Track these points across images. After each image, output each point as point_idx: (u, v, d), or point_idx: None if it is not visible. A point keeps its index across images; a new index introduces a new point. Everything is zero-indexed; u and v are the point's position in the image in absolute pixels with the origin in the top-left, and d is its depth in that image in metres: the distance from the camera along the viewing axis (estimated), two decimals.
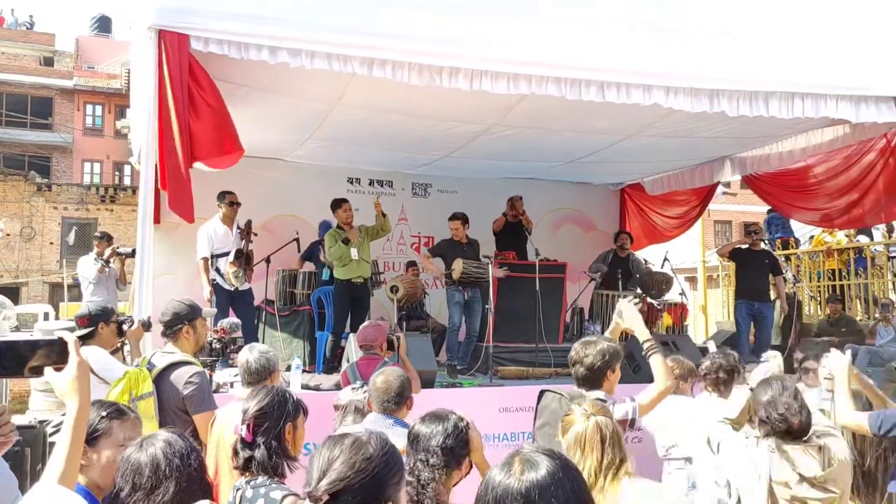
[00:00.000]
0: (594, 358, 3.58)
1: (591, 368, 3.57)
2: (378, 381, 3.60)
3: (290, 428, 2.70)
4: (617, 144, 8.41)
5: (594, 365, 3.57)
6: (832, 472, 3.07)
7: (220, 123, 5.46)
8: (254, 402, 2.71)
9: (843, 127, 7.51)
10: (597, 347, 3.63)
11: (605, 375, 3.60)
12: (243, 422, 2.67)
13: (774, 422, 3.19)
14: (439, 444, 2.58)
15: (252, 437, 2.62)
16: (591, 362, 3.58)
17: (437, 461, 2.54)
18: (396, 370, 3.72)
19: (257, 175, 8.96)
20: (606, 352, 3.62)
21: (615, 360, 3.66)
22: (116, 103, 32.14)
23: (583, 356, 3.62)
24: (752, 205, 19.71)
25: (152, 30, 5.11)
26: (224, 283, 7.21)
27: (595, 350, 3.61)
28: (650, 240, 11.27)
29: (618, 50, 5.97)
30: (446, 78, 5.77)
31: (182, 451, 2.24)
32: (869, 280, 10.23)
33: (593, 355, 3.59)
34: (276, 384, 2.83)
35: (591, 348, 3.63)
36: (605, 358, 3.59)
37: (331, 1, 5.46)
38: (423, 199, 10.38)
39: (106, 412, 2.52)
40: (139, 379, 3.87)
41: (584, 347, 3.65)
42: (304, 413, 2.80)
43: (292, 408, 2.73)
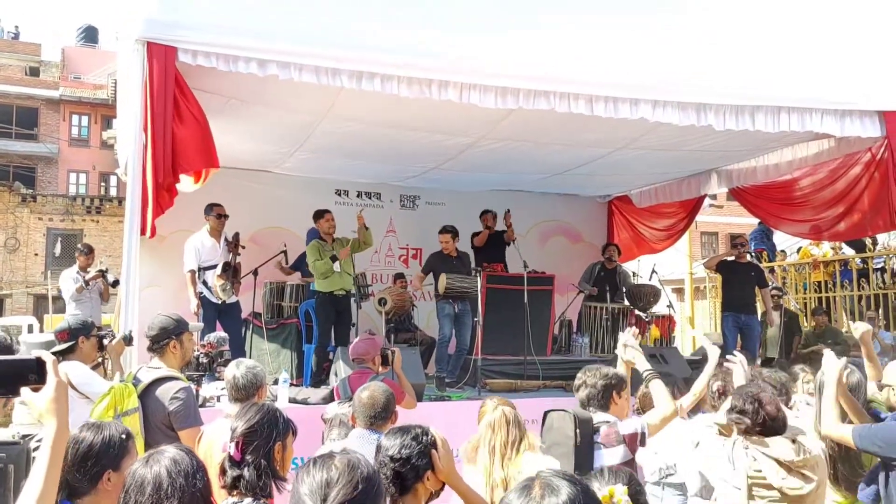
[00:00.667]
0: (596, 379, 3.62)
1: (594, 387, 3.60)
2: (363, 396, 3.58)
3: (279, 447, 2.64)
4: (605, 157, 8.44)
5: (597, 385, 3.60)
6: (808, 460, 3.10)
7: (203, 137, 5.44)
8: (243, 421, 2.66)
9: (829, 141, 7.57)
10: (600, 371, 3.68)
11: (611, 397, 3.61)
12: (232, 440, 2.62)
13: (749, 414, 3.24)
14: (393, 454, 2.52)
15: (241, 455, 2.57)
16: (594, 382, 3.61)
17: (389, 472, 2.49)
18: (381, 385, 3.70)
19: (245, 187, 8.93)
20: (610, 375, 3.66)
21: (620, 385, 3.68)
22: (103, 114, 32.02)
23: (585, 378, 3.67)
24: (738, 216, 19.83)
25: (140, 42, 5.10)
26: (211, 297, 7.17)
27: (598, 373, 3.66)
28: (639, 251, 11.32)
29: (606, 64, 6.01)
30: (436, 90, 5.78)
31: (188, 469, 2.18)
32: (855, 292, 10.30)
33: (595, 377, 3.63)
34: (265, 402, 2.78)
35: (593, 371, 3.68)
36: (609, 379, 3.63)
37: (319, 15, 5.46)
38: (412, 212, 10.38)
39: (125, 434, 2.50)
40: (124, 394, 3.82)
41: (586, 372, 3.71)
42: (294, 432, 2.75)
43: (282, 427, 2.68)
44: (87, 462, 2.41)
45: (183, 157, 5.31)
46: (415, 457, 2.53)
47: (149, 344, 4.05)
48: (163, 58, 5.07)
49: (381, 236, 9.98)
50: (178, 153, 5.23)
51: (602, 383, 3.60)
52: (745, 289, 8.93)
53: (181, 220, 7.58)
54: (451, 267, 7.90)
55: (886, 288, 9.92)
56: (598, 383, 3.60)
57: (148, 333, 4.04)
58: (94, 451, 2.43)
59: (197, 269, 7.15)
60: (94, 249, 9.37)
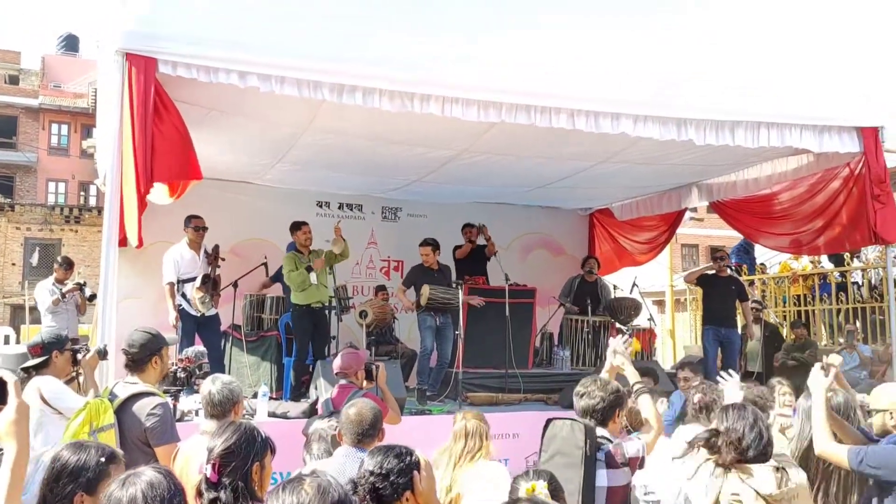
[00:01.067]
0: (604, 392, 3.52)
1: (603, 401, 3.50)
2: (350, 413, 3.54)
3: (257, 468, 2.58)
4: (586, 170, 8.47)
5: (605, 398, 3.50)
6: (789, 492, 2.98)
7: (184, 148, 5.39)
8: (220, 441, 2.59)
9: (808, 156, 7.64)
10: (607, 386, 3.58)
11: (613, 413, 3.53)
12: (208, 461, 2.55)
13: (729, 447, 3.10)
14: (373, 469, 2.51)
15: (217, 477, 2.51)
16: (602, 395, 3.51)
17: (368, 486, 2.48)
18: (369, 402, 3.66)
19: (226, 198, 8.87)
20: (618, 391, 3.58)
21: (623, 403, 3.62)
22: (83, 123, 31.75)
23: (590, 389, 3.55)
24: (718, 229, 19.97)
25: (120, 53, 5.06)
26: (190, 309, 7.10)
27: (606, 386, 3.56)
28: (621, 263, 11.35)
29: (588, 79, 6.04)
30: (418, 104, 5.78)
31: (164, 494, 2.10)
32: (833, 306, 10.38)
33: (603, 390, 3.53)
34: (243, 421, 2.72)
35: (600, 384, 3.58)
36: (616, 396, 3.55)
37: (301, 28, 5.44)
38: (393, 223, 10.35)
39: (104, 457, 2.44)
40: (100, 410, 3.75)
41: (593, 383, 3.60)
42: (272, 451, 2.70)
43: (260, 446, 2.62)
44: (59, 482, 2.36)
45: (162, 168, 5.26)
46: (394, 473, 2.51)
47: (127, 361, 3.98)
48: (143, 69, 5.03)
49: (362, 248, 9.95)
50: (157, 163, 5.18)
51: (611, 399, 3.50)
52: (726, 302, 8.96)
53: (160, 232, 7.51)
54: (432, 279, 7.88)
55: (865, 301, 10.00)
56: (607, 398, 3.49)
57: (129, 350, 3.97)
58: (67, 471, 2.38)
59: (176, 281, 7.09)
60: (74, 264, 9.24)
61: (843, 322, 10.04)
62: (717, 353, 8.79)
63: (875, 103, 6.99)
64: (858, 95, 6.94)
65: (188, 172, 5.48)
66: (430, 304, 7.73)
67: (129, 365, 3.97)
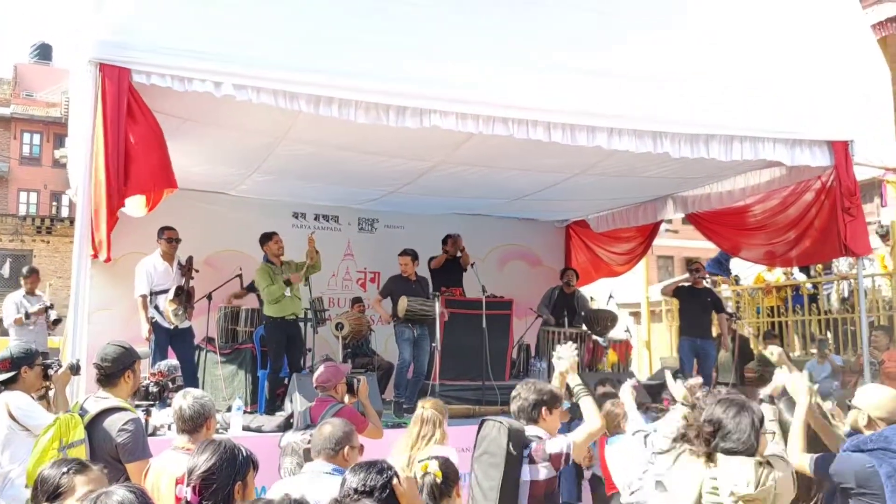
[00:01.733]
0: (530, 393, 3.82)
1: (526, 401, 3.80)
2: (322, 429, 3.57)
3: (239, 487, 2.52)
4: (563, 182, 8.50)
5: (529, 398, 3.80)
6: (763, 492, 2.95)
7: (161, 158, 5.33)
8: (200, 462, 2.52)
9: (780, 169, 7.73)
10: (535, 386, 3.88)
11: (540, 413, 3.79)
12: (188, 483, 2.49)
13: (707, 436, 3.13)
14: (357, 487, 2.55)
15: (198, 499, 2.45)
16: (527, 395, 3.81)
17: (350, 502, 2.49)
18: (339, 421, 3.68)
19: (200, 209, 8.78)
20: (544, 391, 3.84)
21: (552, 402, 3.84)
22: (55, 132, 31.37)
23: (521, 391, 3.87)
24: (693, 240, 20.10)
25: (93, 63, 4.99)
26: (163, 321, 7.00)
27: (533, 388, 3.86)
28: (598, 275, 11.40)
29: (564, 92, 6.07)
30: (393, 116, 5.77)
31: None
32: (806, 317, 10.50)
33: (530, 391, 3.83)
34: (224, 440, 2.64)
35: (529, 386, 3.89)
36: (542, 395, 3.81)
37: (276, 39, 5.41)
38: (370, 235, 10.31)
39: (67, 468, 2.38)
40: (70, 425, 3.69)
41: (524, 385, 3.91)
42: (255, 467, 2.63)
43: (241, 465, 2.55)
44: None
45: (138, 179, 5.18)
46: (378, 489, 2.56)
47: (99, 375, 3.92)
48: (116, 79, 4.97)
49: (338, 259, 9.90)
50: (132, 174, 5.11)
51: (534, 398, 3.79)
52: (702, 314, 9.04)
53: (133, 243, 7.42)
54: (410, 290, 7.85)
55: (836, 313, 10.12)
56: (530, 397, 3.79)
57: (101, 364, 3.91)
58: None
59: (149, 293, 6.99)
60: (38, 271, 9.11)
61: (816, 333, 10.15)
62: (693, 363, 8.85)
63: (845, 117, 7.10)
64: (829, 110, 7.04)
65: (164, 182, 5.41)
66: (408, 315, 7.69)
67: (102, 379, 3.91)
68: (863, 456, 3.42)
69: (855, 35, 7.34)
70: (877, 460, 3.35)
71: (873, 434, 3.48)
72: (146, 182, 5.30)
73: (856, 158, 7.23)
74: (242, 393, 7.55)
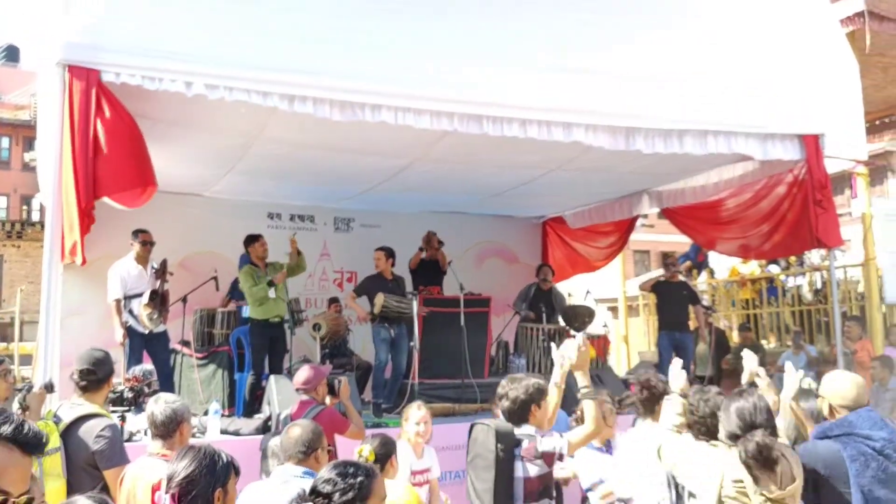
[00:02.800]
0: (517, 392, 3.79)
1: (514, 402, 3.78)
2: (291, 432, 3.57)
3: (219, 494, 2.45)
4: (538, 179, 8.53)
5: (517, 399, 3.77)
6: (791, 489, 3.06)
7: (133, 158, 5.24)
8: (179, 468, 2.46)
9: (753, 162, 7.81)
10: (522, 383, 3.83)
11: (529, 410, 3.78)
12: (167, 491, 2.43)
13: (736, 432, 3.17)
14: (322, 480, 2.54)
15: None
16: (515, 396, 3.79)
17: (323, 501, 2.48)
18: (308, 423, 3.68)
19: (174, 211, 8.68)
20: (531, 387, 3.81)
21: (539, 397, 3.83)
22: (24, 135, 30.93)
23: (508, 390, 3.83)
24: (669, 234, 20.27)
25: (61, 65, 4.91)
26: (138, 326, 6.91)
27: (520, 385, 3.81)
28: (574, 270, 11.44)
29: (538, 89, 6.08)
30: (369, 113, 5.74)
31: None
32: (780, 308, 10.62)
33: (517, 389, 3.79)
34: (204, 445, 2.59)
35: (515, 383, 3.84)
36: (529, 392, 3.79)
37: (249, 36, 5.35)
38: (346, 234, 10.27)
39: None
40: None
41: (510, 383, 3.86)
42: (237, 473, 2.57)
43: (222, 471, 2.49)
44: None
45: (113, 179, 5.10)
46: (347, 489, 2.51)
47: (87, 382, 3.87)
48: (84, 81, 4.89)
49: (315, 260, 9.84)
50: (105, 175, 5.02)
51: (522, 398, 3.77)
52: (679, 307, 9.11)
53: (106, 246, 7.31)
54: (386, 289, 7.83)
55: (810, 304, 10.25)
56: (518, 398, 3.77)
57: (90, 370, 3.87)
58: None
59: (122, 297, 6.90)
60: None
61: (791, 324, 10.28)
62: (671, 357, 8.91)
63: (815, 111, 7.18)
64: (799, 104, 7.12)
65: (140, 181, 5.32)
66: (384, 312, 7.67)
67: (87, 386, 3.87)
68: (829, 442, 3.47)
69: (824, 29, 7.43)
70: (842, 445, 3.41)
71: (838, 420, 3.53)
72: (121, 182, 5.21)
73: (826, 151, 7.31)
74: (220, 396, 7.50)
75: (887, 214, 9.04)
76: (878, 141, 13.21)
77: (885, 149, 19.34)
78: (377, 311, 7.67)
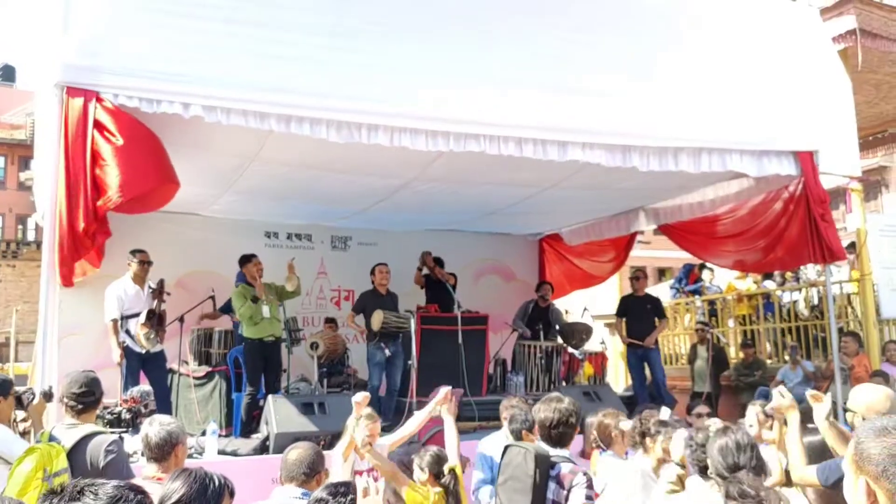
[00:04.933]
0: (561, 415, 3.69)
1: (559, 420, 3.70)
2: (291, 455, 3.55)
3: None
4: (534, 196, 8.55)
5: (560, 420, 3.70)
6: None
7: (152, 156, 5.19)
8: (171, 492, 2.43)
9: (749, 179, 7.85)
10: (564, 404, 3.74)
11: (570, 435, 3.72)
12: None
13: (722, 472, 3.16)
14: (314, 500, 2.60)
15: None
16: (559, 418, 3.70)
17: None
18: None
19: (171, 230, 8.69)
20: (574, 412, 3.72)
21: (579, 421, 3.79)
22: (20, 154, 30.97)
23: (549, 408, 3.74)
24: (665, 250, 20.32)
25: (59, 87, 4.93)
26: (135, 346, 6.89)
27: (564, 407, 3.72)
28: (571, 287, 11.46)
29: (534, 108, 6.12)
30: (365, 134, 5.76)
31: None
32: (777, 324, 10.62)
33: (562, 412, 3.70)
34: (197, 469, 2.56)
35: (558, 403, 3.74)
36: (570, 416, 3.71)
37: (246, 58, 5.37)
38: (343, 253, 10.27)
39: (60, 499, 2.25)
40: (52, 455, 3.60)
41: (551, 402, 3.77)
42: (231, 494, 2.54)
43: (214, 494, 2.45)
44: None
45: (139, 178, 5.06)
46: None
47: (82, 406, 3.87)
48: (82, 102, 4.90)
49: (312, 278, 9.84)
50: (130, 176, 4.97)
51: (566, 419, 3.68)
52: (643, 321, 9.18)
53: (103, 265, 7.27)
54: (382, 304, 7.84)
55: (807, 320, 10.26)
56: (563, 419, 3.68)
57: (86, 392, 3.88)
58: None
59: (119, 317, 6.88)
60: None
61: (788, 340, 10.28)
62: (642, 374, 9.04)
63: (810, 128, 7.24)
64: (794, 121, 7.17)
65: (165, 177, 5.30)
66: (383, 329, 7.67)
67: (83, 408, 3.87)
68: None
69: (817, 48, 7.51)
70: None
71: None
72: (147, 180, 5.17)
73: (821, 168, 7.36)
74: (217, 416, 7.46)
75: (882, 230, 9.08)
76: (872, 157, 13.28)
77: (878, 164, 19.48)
78: (376, 327, 7.67)
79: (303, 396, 7.00)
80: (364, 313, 7.99)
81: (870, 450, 1.66)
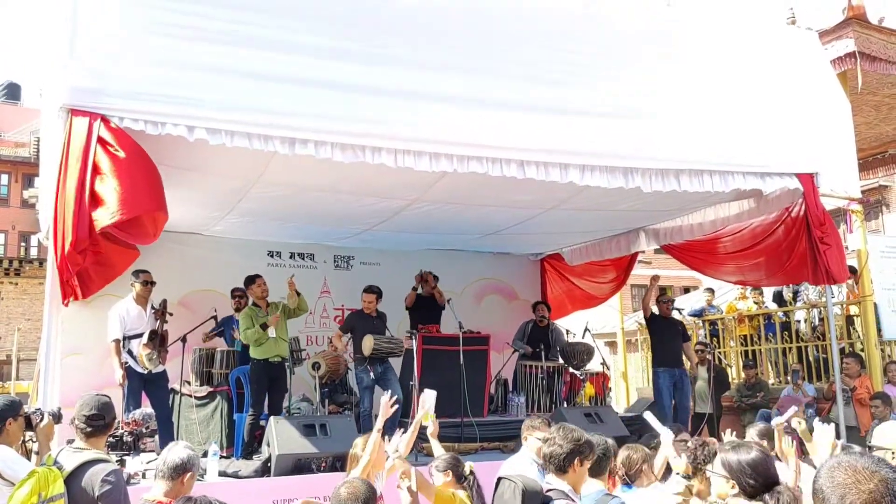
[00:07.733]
0: (566, 441, 3.58)
1: (560, 448, 3.57)
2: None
3: None
4: (536, 217, 8.58)
5: (563, 447, 3.57)
6: None
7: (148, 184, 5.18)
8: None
9: (749, 201, 7.89)
10: (572, 433, 3.62)
11: (571, 464, 3.56)
12: None
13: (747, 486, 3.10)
14: None
15: None
16: (562, 444, 3.57)
17: None
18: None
19: (174, 250, 8.72)
20: (580, 441, 3.61)
21: (587, 453, 3.63)
22: (24, 172, 31.07)
23: (556, 436, 3.62)
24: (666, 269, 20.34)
25: (64, 109, 4.96)
26: (137, 366, 6.89)
27: (571, 435, 3.61)
28: (574, 306, 11.46)
29: (536, 130, 6.16)
30: (370, 155, 5.79)
31: None
32: (778, 345, 10.61)
33: (565, 439, 3.59)
34: (200, 496, 2.57)
35: (565, 432, 3.63)
36: (577, 445, 3.58)
37: (249, 81, 5.40)
38: (346, 272, 10.29)
39: None
40: (49, 479, 3.60)
41: (560, 430, 3.65)
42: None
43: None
44: None
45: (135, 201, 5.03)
46: None
47: (93, 428, 3.86)
48: (87, 125, 4.93)
49: (315, 297, 9.86)
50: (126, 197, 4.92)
51: (569, 447, 3.55)
52: (674, 344, 9.13)
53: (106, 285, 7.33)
54: (370, 326, 7.84)
55: (808, 340, 10.25)
56: (565, 446, 3.55)
57: (91, 413, 3.86)
58: None
59: (122, 337, 6.89)
60: None
61: (790, 362, 10.26)
62: (672, 394, 8.88)
63: (810, 150, 7.28)
64: (794, 143, 7.21)
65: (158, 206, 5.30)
66: (375, 353, 7.66)
67: (92, 432, 3.86)
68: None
69: (816, 70, 7.56)
70: None
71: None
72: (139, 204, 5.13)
73: (821, 189, 7.39)
74: (218, 437, 7.45)
75: (883, 252, 9.09)
76: (872, 177, 13.33)
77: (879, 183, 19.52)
78: (367, 353, 7.66)
79: (304, 418, 6.99)
80: (352, 334, 7.99)
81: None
